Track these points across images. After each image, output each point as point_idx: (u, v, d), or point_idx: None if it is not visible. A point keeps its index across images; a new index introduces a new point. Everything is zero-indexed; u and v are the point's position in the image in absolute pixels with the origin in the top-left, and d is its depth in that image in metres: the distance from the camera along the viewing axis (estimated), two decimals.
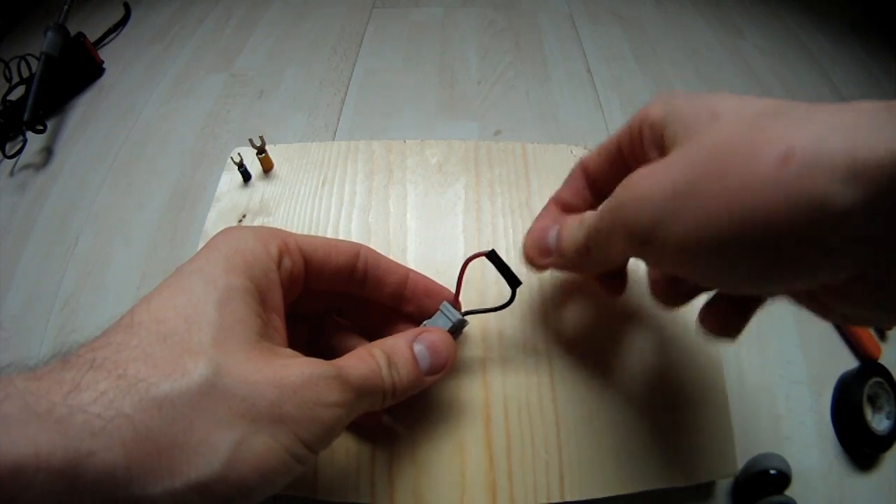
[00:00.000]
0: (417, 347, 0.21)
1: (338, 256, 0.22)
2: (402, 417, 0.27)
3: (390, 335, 0.24)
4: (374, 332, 0.25)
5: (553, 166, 0.37)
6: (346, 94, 0.50)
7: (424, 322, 0.25)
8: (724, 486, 0.30)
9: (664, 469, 0.27)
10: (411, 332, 0.22)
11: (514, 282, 0.24)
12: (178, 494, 0.14)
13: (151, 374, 0.14)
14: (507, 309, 0.32)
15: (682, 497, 0.29)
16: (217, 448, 0.14)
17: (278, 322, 0.19)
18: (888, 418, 0.32)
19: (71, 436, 0.13)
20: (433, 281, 0.25)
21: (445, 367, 0.22)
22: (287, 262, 0.20)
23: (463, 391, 0.28)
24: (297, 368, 0.17)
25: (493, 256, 0.24)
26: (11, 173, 0.46)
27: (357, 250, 0.23)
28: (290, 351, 0.18)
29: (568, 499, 0.26)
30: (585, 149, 0.39)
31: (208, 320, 0.16)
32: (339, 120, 0.47)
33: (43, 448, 0.12)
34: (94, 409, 0.13)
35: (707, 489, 0.30)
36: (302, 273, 0.21)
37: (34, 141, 0.47)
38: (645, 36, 0.58)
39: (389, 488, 0.25)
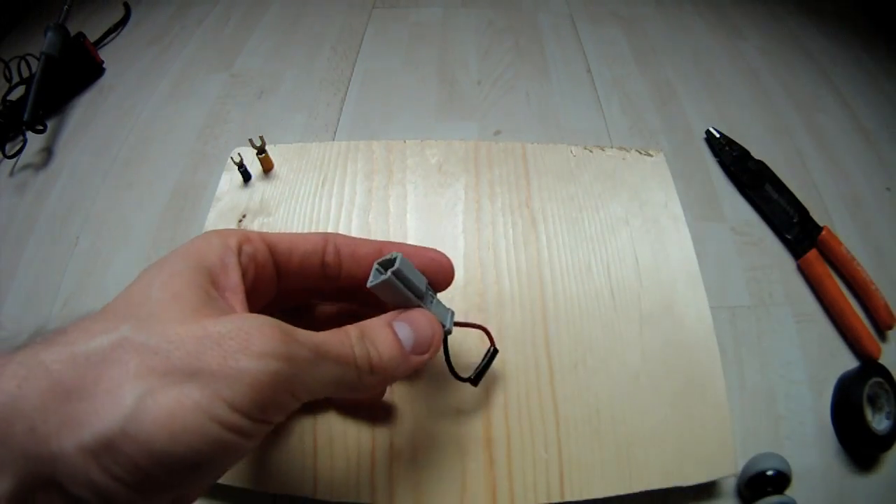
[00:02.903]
0: (398, 325, 0.20)
1: (304, 243, 0.22)
2: (403, 417, 0.27)
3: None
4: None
5: (553, 166, 0.37)
6: (346, 94, 0.50)
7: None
8: (724, 486, 0.30)
9: (664, 469, 0.27)
10: (390, 314, 0.21)
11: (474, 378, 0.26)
12: (87, 449, 0.13)
13: (76, 333, 0.14)
14: (507, 309, 0.32)
15: (682, 497, 0.29)
16: (121, 400, 0.13)
17: (236, 301, 0.18)
18: (888, 418, 0.32)
19: (2, 388, 0.13)
20: (412, 245, 0.24)
21: (432, 346, 0.21)
22: (248, 248, 0.20)
23: (463, 391, 0.28)
24: (228, 319, 0.15)
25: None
26: (11, 173, 0.46)
27: (325, 235, 0.22)
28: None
29: (568, 499, 0.26)
30: (585, 149, 0.39)
31: (147, 297, 0.16)
32: (339, 120, 0.47)
33: None
34: (21, 360, 0.13)
35: (707, 489, 0.30)
36: (269, 259, 0.21)
37: (34, 141, 0.47)
38: (645, 36, 0.58)
39: (389, 488, 0.25)
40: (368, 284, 0.20)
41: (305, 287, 0.23)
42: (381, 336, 0.19)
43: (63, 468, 0.13)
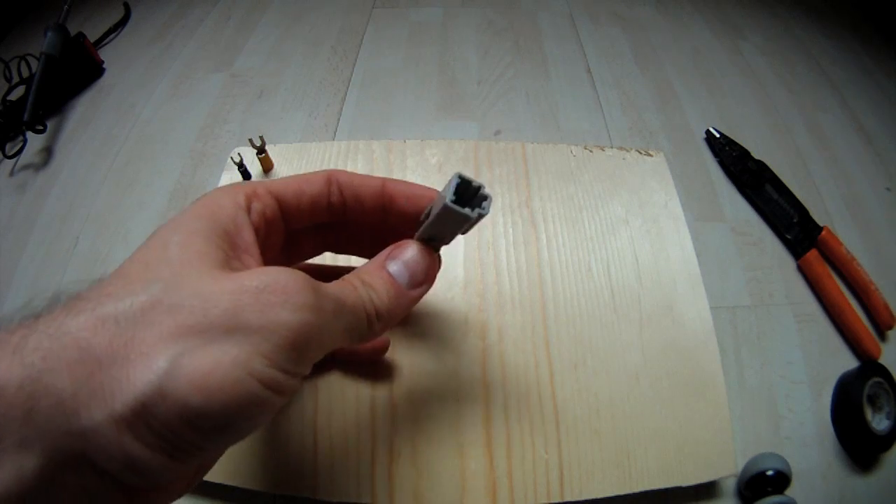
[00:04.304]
0: (391, 264, 0.20)
1: (310, 187, 0.21)
2: (403, 417, 0.27)
3: None
4: None
5: (553, 166, 0.37)
6: (346, 94, 0.50)
7: (431, 207, 0.21)
8: (724, 486, 0.30)
9: (664, 469, 0.27)
10: (382, 254, 0.21)
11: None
12: (120, 419, 0.12)
13: (101, 297, 0.14)
14: (507, 309, 0.32)
15: (682, 497, 0.29)
16: (155, 361, 0.13)
17: (251, 261, 0.18)
18: (888, 418, 0.32)
19: (26, 361, 0.12)
20: (412, 183, 0.23)
21: (429, 277, 0.21)
22: (257, 205, 0.19)
23: (463, 391, 0.28)
24: (261, 272, 0.15)
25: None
26: (11, 173, 0.46)
27: (327, 174, 0.22)
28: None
29: (568, 499, 0.26)
30: (585, 149, 0.39)
31: (167, 257, 0.15)
32: (339, 120, 0.47)
33: (2, 375, 0.12)
34: (44, 330, 0.13)
35: (707, 489, 0.30)
36: (277, 213, 0.21)
37: (34, 141, 0.47)
38: (645, 36, 0.58)
39: (389, 488, 0.25)
40: (447, 201, 0.18)
41: (311, 226, 0.23)
42: (378, 280, 0.19)
43: (94, 442, 0.12)
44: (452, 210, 0.18)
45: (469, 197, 0.19)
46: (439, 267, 0.22)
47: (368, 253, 0.25)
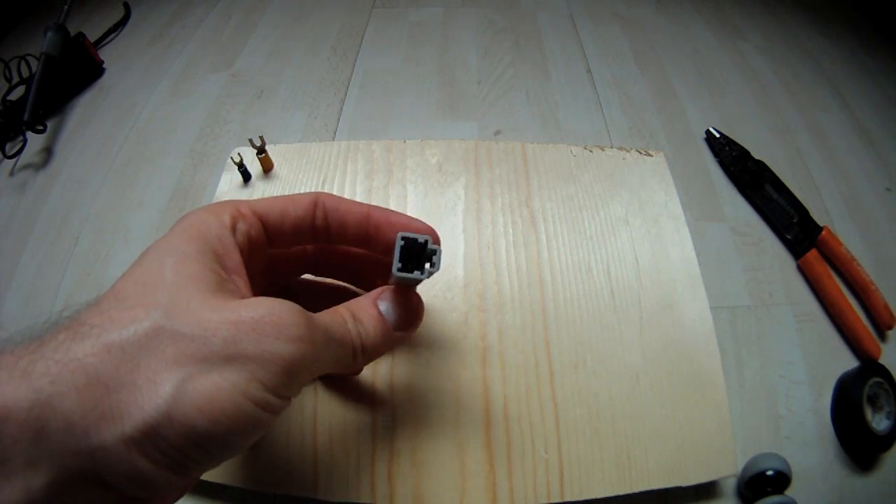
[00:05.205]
0: (382, 303, 0.21)
1: (295, 209, 0.22)
2: (403, 417, 0.27)
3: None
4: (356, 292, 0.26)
5: (553, 166, 0.37)
6: (346, 94, 0.50)
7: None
8: (724, 486, 0.30)
9: (664, 469, 0.27)
10: (375, 291, 0.22)
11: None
12: (129, 440, 0.13)
13: (104, 322, 0.14)
14: (507, 309, 0.32)
15: (682, 497, 0.29)
16: (161, 387, 0.14)
17: (241, 283, 0.18)
18: (888, 418, 0.32)
19: (34, 385, 0.13)
20: (396, 212, 0.23)
21: (413, 325, 0.22)
22: (242, 226, 0.20)
23: (463, 391, 0.28)
24: (257, 304, 0.16)
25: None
26: (11, 173, 0.46)
27: (314, 196, 0.22)
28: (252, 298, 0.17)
29: (568, 499, 0.26)
30: (585, 149, 0.39)
31: (163, 280, 0.16)
32: (339, 120, 0.47)
33: (9, 397, 0.13)
34: (51, 356, 0.14)
35: (707, 489, 0.30)
36: (261, 234, 0.21)
37: (34, 141, 0.47)
38: (645, 36, 0.58)
39: (389, 488, 0.25)
40: (394, 273, 0.19)
41: (294, 245, 0.23)
42: (368, 316, 0.20)
43: (104, 460, 0.13)
44: (401, 277, 0.19)
45: (417, 252, 0.19)
46: (423, 314, 0.22)
47: (348, 278, 0.26)
